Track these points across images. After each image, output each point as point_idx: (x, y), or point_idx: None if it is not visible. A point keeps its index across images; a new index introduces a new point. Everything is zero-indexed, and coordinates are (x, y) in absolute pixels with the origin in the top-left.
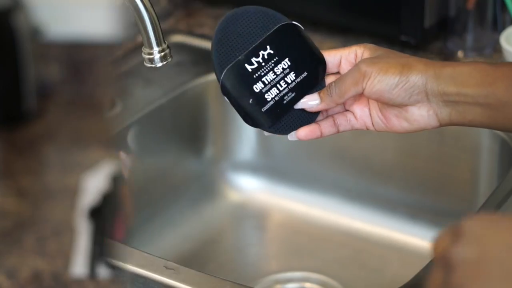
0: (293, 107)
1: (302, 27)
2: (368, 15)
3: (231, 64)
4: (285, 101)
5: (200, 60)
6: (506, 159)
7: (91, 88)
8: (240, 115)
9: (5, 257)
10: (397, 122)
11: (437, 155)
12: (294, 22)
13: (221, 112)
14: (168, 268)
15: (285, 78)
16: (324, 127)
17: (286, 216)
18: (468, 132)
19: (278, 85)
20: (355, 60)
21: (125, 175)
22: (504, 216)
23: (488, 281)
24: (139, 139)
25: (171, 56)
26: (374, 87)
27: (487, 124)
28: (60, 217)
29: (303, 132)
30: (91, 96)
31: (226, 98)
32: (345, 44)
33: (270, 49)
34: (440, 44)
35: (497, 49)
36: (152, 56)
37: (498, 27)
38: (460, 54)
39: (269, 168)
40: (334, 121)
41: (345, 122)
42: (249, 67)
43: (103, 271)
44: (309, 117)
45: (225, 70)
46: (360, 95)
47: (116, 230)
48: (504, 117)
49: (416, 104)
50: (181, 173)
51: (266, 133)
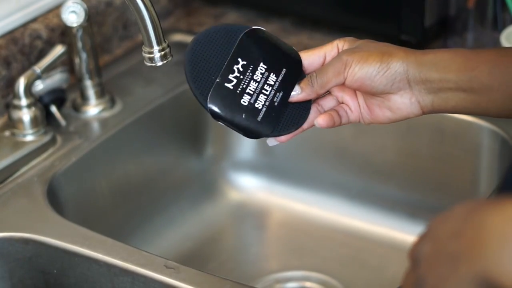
0: (286, 103)
1: (263, 29)
2: (368, 14)
3: (212, 89)
4: (276, 103)
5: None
6: (506, 159)
7: None
8: (240, 133)
9: None
10: (380, 112)
11: (437, 155)
12: (254, 27)
13: None
14: (168, 267)
15: (267, 82)
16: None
17: (286, 215)
18: (468, 131)
19: (263, 91)
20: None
21: None
22: (464, 204)
23: (438, 268)
24: (139, 139)
25: (171, 55)
26: (355, 75)
27: (470, 109)
28: None
29: (321, 120)
30: None
31: (220, 123)
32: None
33: (242, 60)
34: (441, 43)
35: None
36: (152, 55)
37: (498, 26)
38: None
39: (269, 167)
40: (337, 112)
41: (344, 114)
42: (229, 85)
43: None
44: (305, 108)
45: (208, 97)
46: (347, 87)
47: None
48: (487, 100)
49: (398, 92)
50: (182, 173)
51: (271, 143)
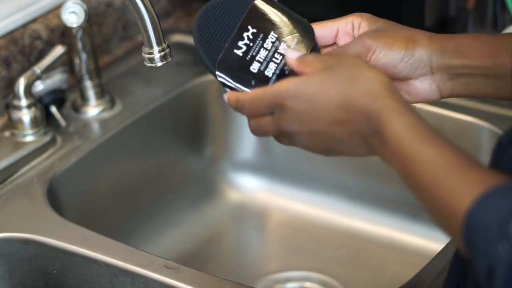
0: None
1: None
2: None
3: (220, 55)
4: (286, 71)
5: (200, 60)
6: None
7: None
8: None
9: None
10: None
11: None
12: None
13: (221, 111)
14: (168, 268)
15: (278, 50)
16: None
17: (286, 215)
18: (468, 131)
19: (273, 59)
20: (352, 30)
21: None
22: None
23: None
24: (139, 139)
25: (171, 56)
26: (379, 61)
27: (491, 93)
28: None
29: None
30: None
31: (227, 90)
32: None
33: (252, 28)
34: None
35: None
36: (152, 55)
37: (498, 26)
38: None
39: (269, 167)
40: None
41: None
42: (239, 52)
43: None
44: None
45: (217, 62)
46: None
47: None
48: (508, 85)
49: (419, 78)
50: (181, 173)
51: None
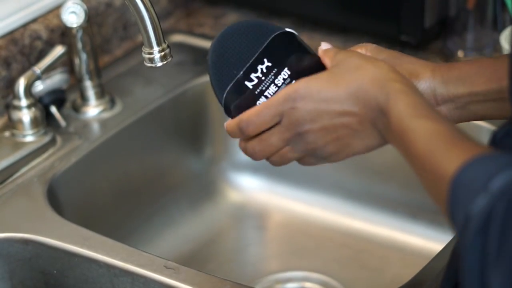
0: None
1: (296, 33)
2: (368, 15)
3: (231, 84)
4: None
5: (200, 60)
6: None
7: None
8: None
9: None
10: None
11: None
12: (287, 29)
13: (221, 111)
14: (168, 268)
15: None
16: None
17: (286, 216)
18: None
19: None
20: None
21: None
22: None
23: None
24: (139, 139)
25: (171, 56)
26: None
27: (499, 115)
28: None
29: None
30: None
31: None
32: (345, 44)
33: (268, 61)
34: (440, 44)
35: (497, 48)
36: (152, 55)
37: (498, 27)
38: (460, 53)
39: (269, 168)
40: None
41: None
42: (249, 84)
43: None
44: None
45: (226, 92)
46: None
47: None
48: None
49: None
50: (181, 173)
51: None
